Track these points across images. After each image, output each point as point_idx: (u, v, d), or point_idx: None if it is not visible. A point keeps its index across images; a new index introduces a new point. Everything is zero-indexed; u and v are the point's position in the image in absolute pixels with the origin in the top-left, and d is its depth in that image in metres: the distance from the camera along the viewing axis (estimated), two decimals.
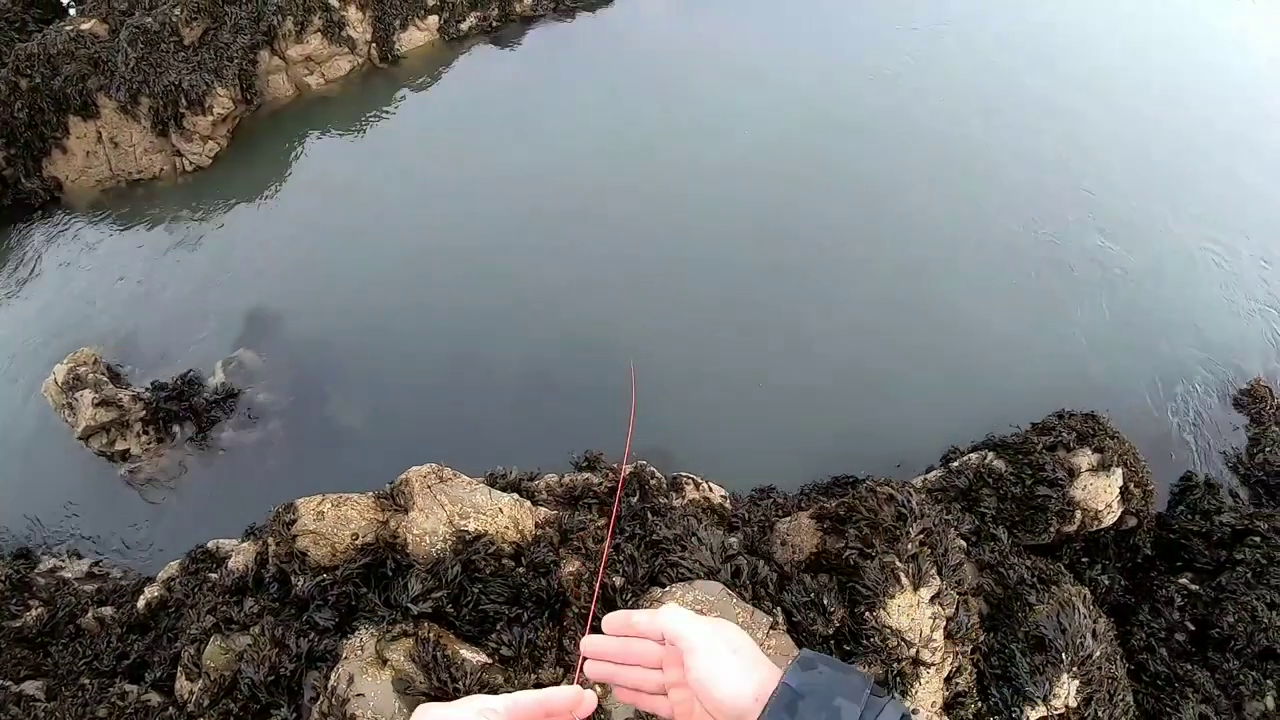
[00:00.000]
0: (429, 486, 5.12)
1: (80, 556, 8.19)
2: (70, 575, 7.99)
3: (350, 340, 8.90)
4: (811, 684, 1.12)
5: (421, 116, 11.82)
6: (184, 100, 10.55)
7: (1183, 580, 7.73)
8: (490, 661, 4.79)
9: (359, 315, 9.15)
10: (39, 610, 7.47)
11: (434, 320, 9.06)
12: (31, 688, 6.56)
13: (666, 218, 10.03)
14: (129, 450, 8.28)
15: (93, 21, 11.15)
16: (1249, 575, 7.40)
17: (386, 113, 11.82)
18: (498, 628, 4.86)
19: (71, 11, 13.22)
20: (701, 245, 9.71)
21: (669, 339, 8.68)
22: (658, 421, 7.58)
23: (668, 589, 4.59)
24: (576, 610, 4.68)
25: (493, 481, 5.69)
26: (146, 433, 8.29)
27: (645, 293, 9.21)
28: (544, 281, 9.30)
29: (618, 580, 4.67)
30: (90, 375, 8.48)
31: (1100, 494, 7.00)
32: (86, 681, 6.45)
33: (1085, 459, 7.05)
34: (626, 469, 6.28)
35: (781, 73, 12.31)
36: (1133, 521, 7.53)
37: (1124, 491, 7.25)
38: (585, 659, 1.32)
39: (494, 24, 12.96)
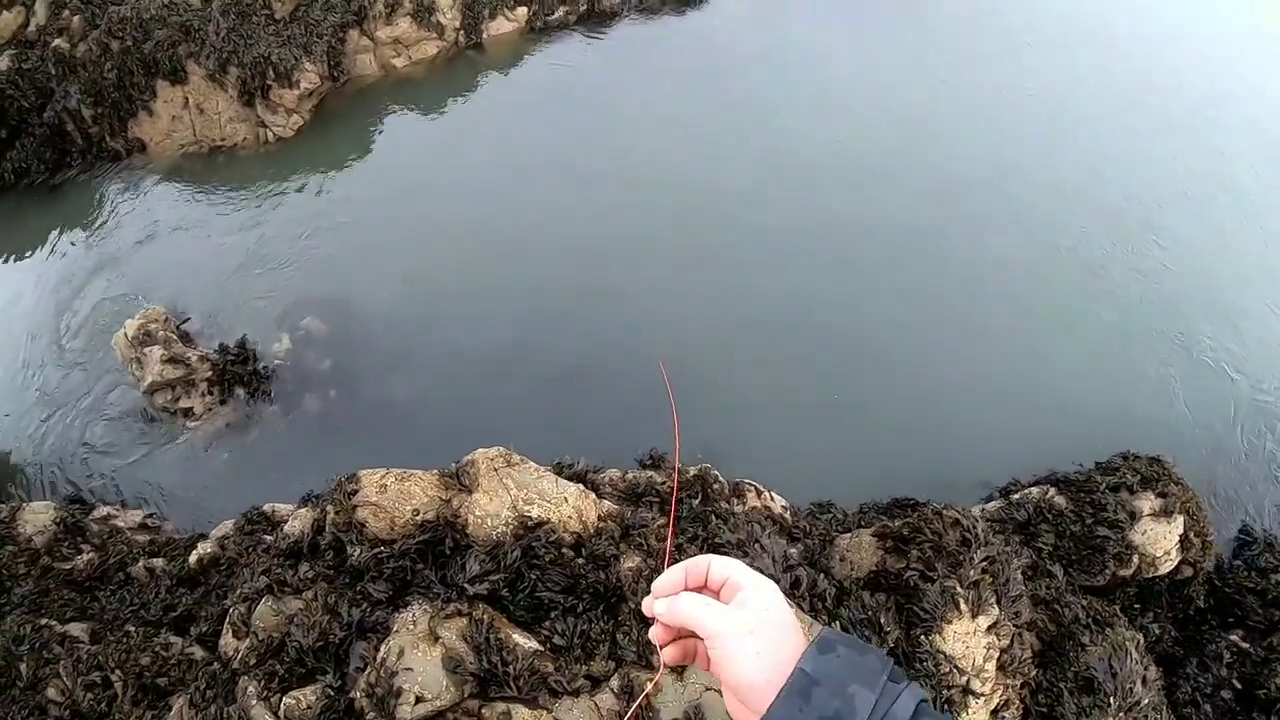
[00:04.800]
0: (495, 469, 5.16)
1: (135, 507, 8.36)
2: (123, 524, 8.15)
3: (415, 319, 9.01)
4: (827, 669, 1.10)
5: (500, 105, 11.95)
6: (272, 73, 10.79)
7: (1233, 637, 7.54)
8: (542, 649, 4.81)
9: (425, 296, 9.27)
10: (90, 555, 7.61)
11: (498, 306, 9.14)
12: (77, 629, 6.66)
13: (734, 221, 10.02)
14: (192, 409, 8.45)
15: None
16: None
17: (467, 99, 11.96)
18: (552, 616, 4.87)
19: None
20: (769, 253, 9.70)
21: (731, 348, 8.66)
22: (718, 427, 7.60)
23: None
24: (633, 606, 4.69)
25: (559, 470, 5.71)
26: (210, 393, 8.47)
27: (716, 298, 9.23)
28: (608, 277, 9.36)
29: None
30: (160, 333, 8.68)
31: (1160, 540, 6.85)
32: (132, 629, 6.53)
33: (1148, 503, 6.91)
34: (680, 467, 6.30)
35: (857, 81, 12.31)
36: (1189, 571, 7.36)
37: (1183, 540, 7.09)
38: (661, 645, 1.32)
39: (578, 18, 13.08)
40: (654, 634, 1.30)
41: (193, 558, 7.16)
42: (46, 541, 7.72)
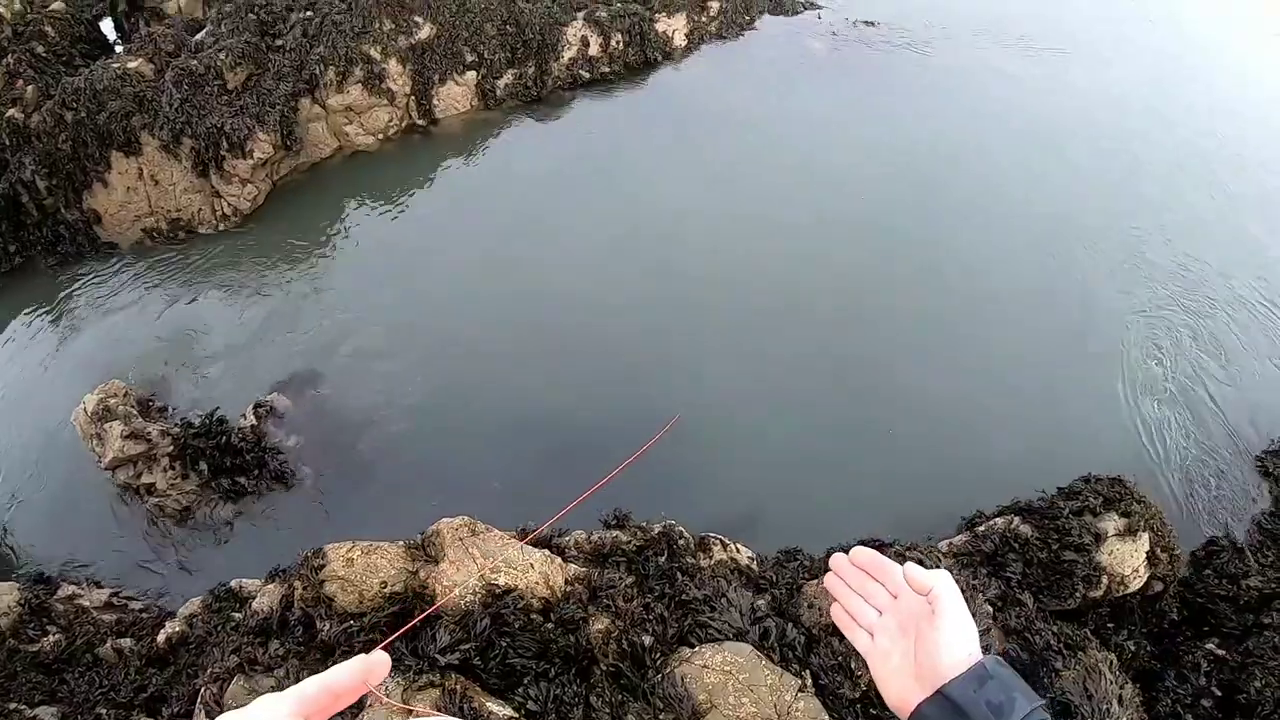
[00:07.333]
0: (460, 539, 5.15)
1: (100, 586, 8.20)
2: (89, 604, 7.99)
3: (380, 393, 8.96)
4: (1000, 672, 1.38)
5: (457, 181, 11.94)
6: (225, 143, 10.79)
7: (1209, 645, 7.63)
8: (516, 715, 4.78)
9: (390, 370, 9.21)
10: (57, 637, 7.46)
11: (464, 378, 9.11)
12: (46, 714, 6.54)
13: (703, 286, 10.09)
14: (154, 484, 8.33)
15: (139, 61, 11.46)
16: (1276, 640, 7.32)
17: (424, 173, 11.97)
18: (525, 682, 4.85)
19: (118, 49, 13.65)
20: (733, 315, 9.77)
21: (699, 402, 8.67)
22: (686, 481, 7.64)
23: (697, 649, 4.58)
24: (604, 668, 4.68)
25: (523, 536, 5.71)
26: (173, 468, 8.35)
27: (677, 359, 9.26)
28: (572, 343, 9.38)
29: (647, 639, 4.67)
30: (120, 407, 8.57)
31: (1127, 559, 6.94)
32: (103, 711, 6.44)
33: (1112, 524, 7.00)
34: (646, 524, 6.33)
35: (837, 130, 12.60)
36: (1159, 586, 7.46)
37: (1150, 556, 7.19)
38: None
39: (530, 84, 13.09)
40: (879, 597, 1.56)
41: (161, 637, 7.04)
42: (12, 623, 7.56)
